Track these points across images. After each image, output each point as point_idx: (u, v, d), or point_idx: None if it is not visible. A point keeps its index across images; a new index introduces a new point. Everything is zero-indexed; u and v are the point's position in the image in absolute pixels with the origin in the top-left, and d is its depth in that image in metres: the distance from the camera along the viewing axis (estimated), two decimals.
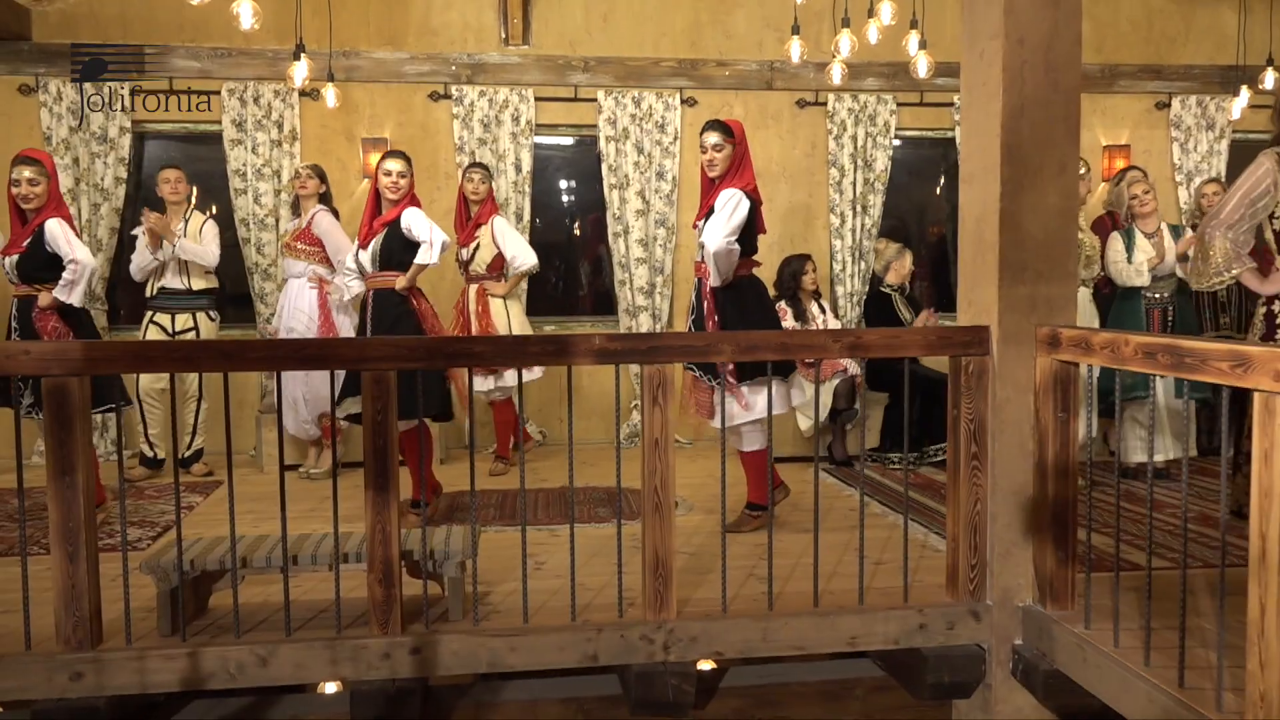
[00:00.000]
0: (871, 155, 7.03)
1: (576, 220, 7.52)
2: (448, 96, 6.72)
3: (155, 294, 5.81)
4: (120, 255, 6.47)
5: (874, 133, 7.01)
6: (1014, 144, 3.23)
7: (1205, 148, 7.30)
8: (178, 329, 5.76)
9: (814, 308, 6.27)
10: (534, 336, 5.29)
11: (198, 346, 3.69)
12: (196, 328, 5.78)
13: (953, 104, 6.87)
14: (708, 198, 4.39)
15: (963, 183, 3.50)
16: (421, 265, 4.67)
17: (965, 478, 3.31)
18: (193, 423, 5.97)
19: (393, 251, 4.65)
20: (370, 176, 4.80)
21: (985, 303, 3.31)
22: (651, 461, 3.13)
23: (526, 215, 6.76)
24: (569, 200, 7.54)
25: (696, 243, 4.44)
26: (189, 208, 5.85)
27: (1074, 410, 3.17)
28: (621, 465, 3.33)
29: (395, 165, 4.68)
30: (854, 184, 7.01)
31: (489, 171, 5.95)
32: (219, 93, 6.46)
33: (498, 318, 5.74)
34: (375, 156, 6.62)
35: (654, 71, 6.88)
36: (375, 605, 3.07)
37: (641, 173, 6.81)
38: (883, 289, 6.44)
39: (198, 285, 5.81)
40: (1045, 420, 3.19)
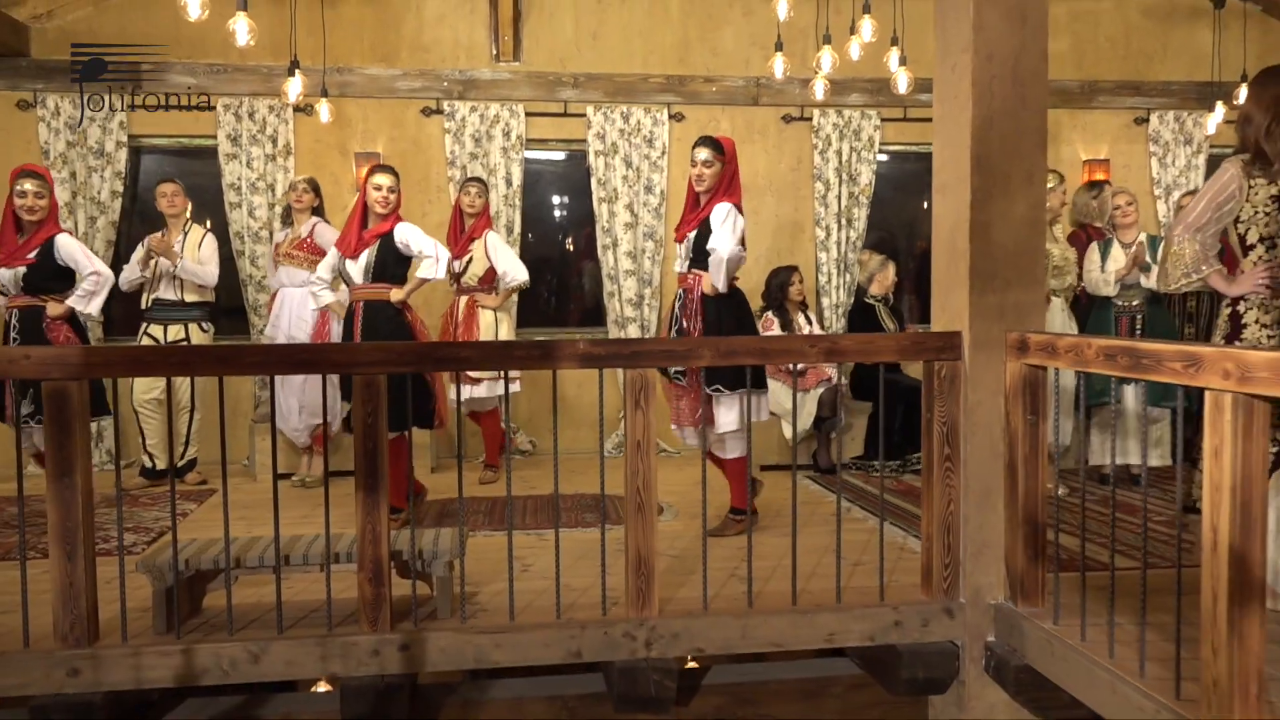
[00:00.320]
0: (856, 169, 7.16)
1: (568, 234, 7.64)
2: (439, 112, 6.84)
3: (150, 306, 5.90)
4: (116, 268, 6.54)
5: (858, 147, 7.15)
6: (984, 155, 3.34)
7: (1183, 162, 7.45)
8: (170, 340, 5.84)
9: (800, 318, 6.39)
10: (520, 341, 5.41)
11: (193, 351, 3.77)
12: (188, 339, 5.86)
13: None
14: (693, 212, 4.51)
15: (936, 193, 3.61)
16: (424, 280, 4.81)
17: (939, 479, 3.41)
18: (185, 433, 6.05)
19: (386, 264, 4.75)
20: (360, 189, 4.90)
21: (957, 309, 3.42)
22: (634, 463, 3.22)
23: (517, 229, 6.88)
24: (560, 215, 7.66)
25: (681, 255, 4.55)
26: (187, 221, 5.93)
27: (1043, 413, 3.27)
28: (608, 473, 3.43)
29: (386, 180, 4.77)
30: (839, 198, 7.14)
31: (485, 185, 6.07)
32: (214, 108, 6.58)
33: (487, 330, 5.84)
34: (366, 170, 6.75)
35: (642, 87, 7.01)
36: (365, 603, 3.16)
37: (630, 186, 6.93)
38: (867, 300, 6.56)
39: (191, 298, 5.89)
40: (1015, 423, 3.29)
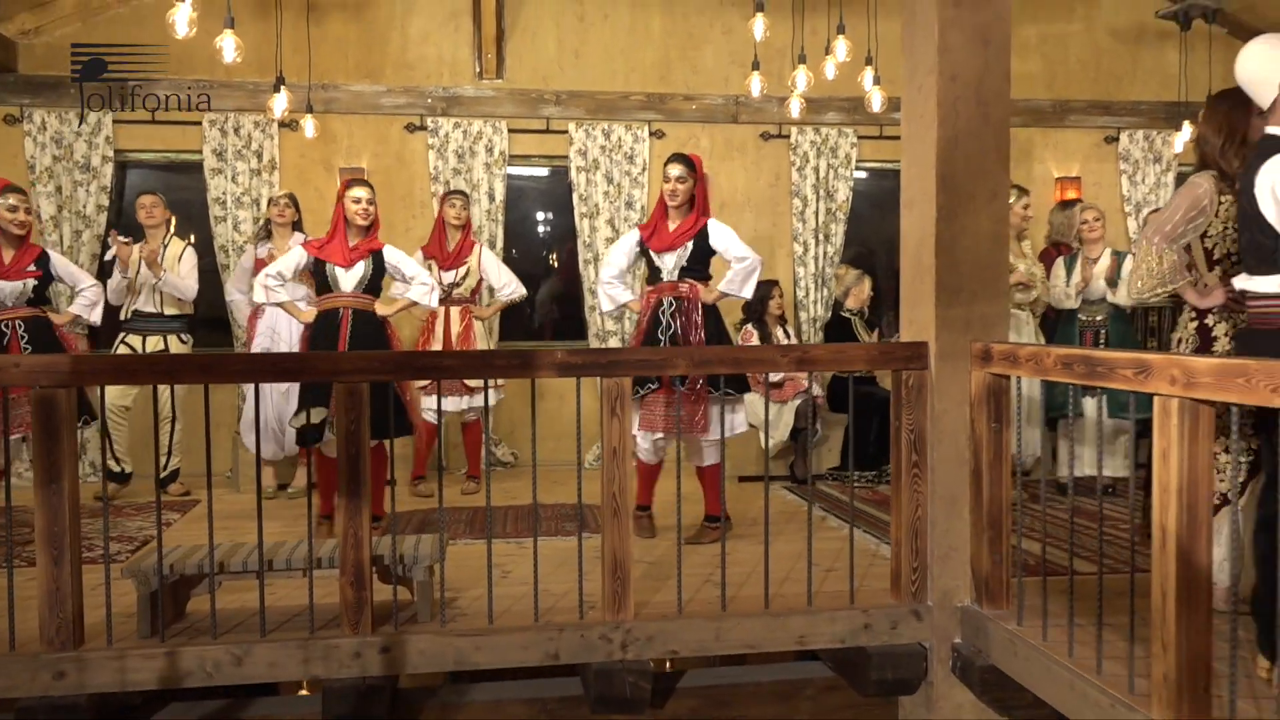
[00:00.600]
0: (833, 186, 7.30)
1: (550, 249, 7.74)
2: (423, 128, 6.94)
3: (130, 316, 5.93)
4: (102, 280, 6.60)
5: (835, 164, 7.29)
6: (948, 173, 3.46)
7: (1152, 180, 7.62)
8: (148, 351, 5.89)
9: (779, 331, 6.49)
10: (500, 351, 5.51)
11: (178, 360, 3.85)
12: (167, 349, 5.91)
13: None
14: (671, 230, 4.65)
15: (904, 209, 3.73)
16: (412, 303, 5.00)
17: (907, 485, 3.51)
18: (167, 444, 6.08)
19: (374, 279, 4.91)
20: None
21: (924, 320, 3.53)
22: (610, 469, 3.32)
23: (500, 243, 6.98)
24: (544, 230, 7.77)
25: (670, 265, 4.66)
26: (167, 234, 5.98)
27: (1006, 420, 3.38)
28: (587, 484, 3.52)
29: (364, 192, 4.88)
30: (816, 214, 7.27)
31: (468, 198, 6.17)
32: (200, 123, 6.66)
33: (482, 342, 5.97)
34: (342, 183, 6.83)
35: (623, 105, 7.13)
36: (347, 607, 3.23)
37: (611, 202, 7.04)
38: (843, 314, 6.68)
39: (170, 310, 5.94)
40: (980, 430, 3.40)
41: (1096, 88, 7.66)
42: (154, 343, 5.89)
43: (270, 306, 5.88)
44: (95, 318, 5.52)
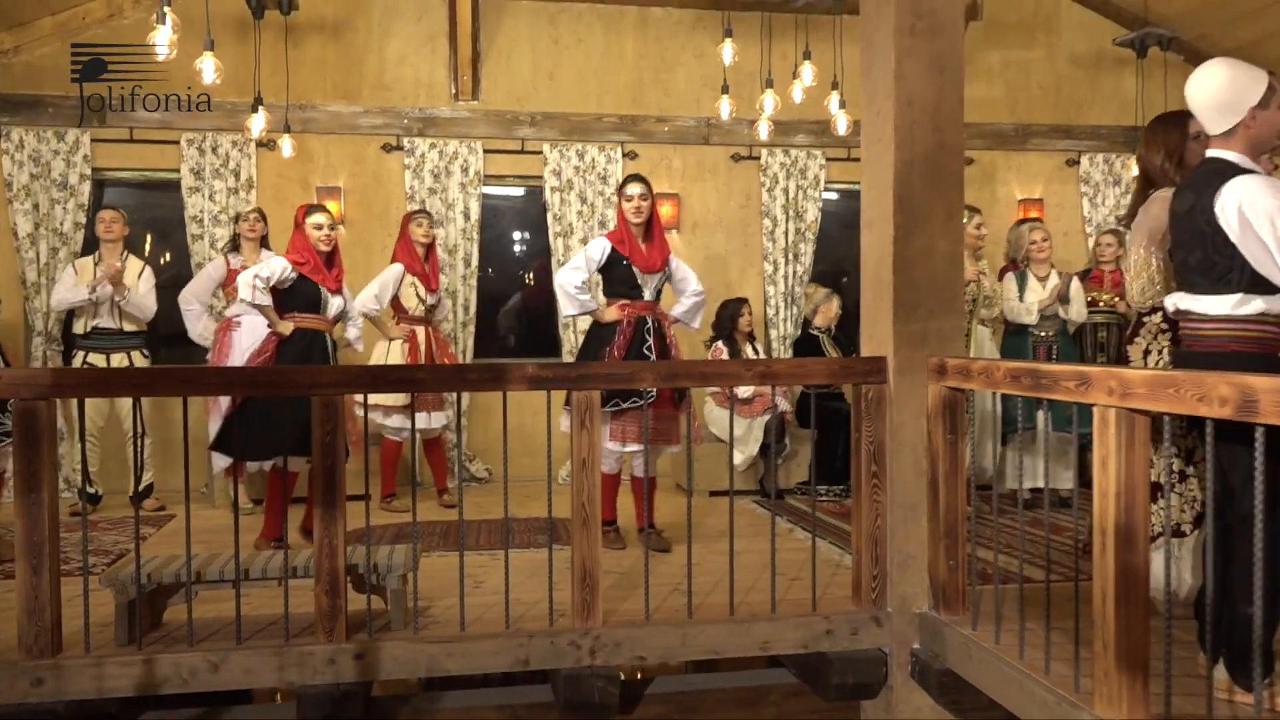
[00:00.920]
0: (802, 206, 7.46)
1: (525, 268, 7.86)
2: (400, 148, 7.05)
3: (89, 332, 5.96)
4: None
5: (804, 185, 7.45)
6: (905, 194, 3.61)
7: (1112, 201, 7.83)
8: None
9: (748, 348, 6.63)
10: (472, 365, 5.60)
11: (157, 373, 3.90)
12: (131, 365, 5.95)
13: None
14: (645, 250, 4.83)
15: (864, 228, 3.88)
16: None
17: (867, 495, 3.63)
18: (139, 460, 6.08)
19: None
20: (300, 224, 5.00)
21: (883, 336, 3.66)
22: (579, 480, 3.42)
23: (475, 261, 7.08)
24: (520, 249, 7.89)
25: (652, 286, 4.86)
26: (125, 253, 6.04)
27: (961, 432, 3.51)
28: (558, 499, 3.63)
29: (325, 219, 4.96)
30: (786, 233, 7.42)
31: (433, 217, 6.31)
32: (178, 142, 6.73)
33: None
34: (330, 205, 6.93)
35: (597, 126, 7.27)
36: (321, 614, 3.31)
37: (585, 222, 7.17)
38: (812, 331, 6.82)
39: (129, 327, 6.00)
40: (936, 442, 3.53)
41: (1057, 112, 7.88)
42: (117, 359, 5.94)
43: (238, 320, 5.90)
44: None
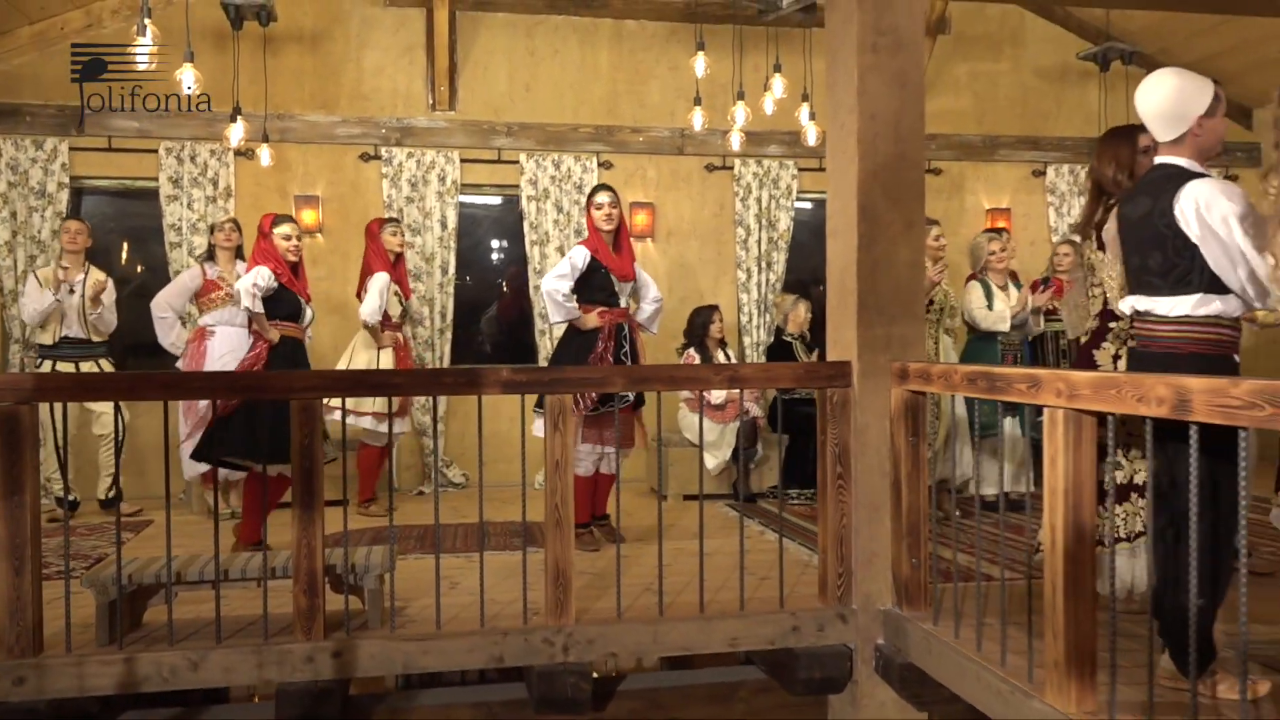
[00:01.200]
0: (775, 216, 7.59)
1: (501, 276, 7.95)
2: (377, 157, 7.12)
3: (58, 342, 5.99)
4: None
5: (777, 195, 7.58)
6: (868, 204, 3.73)
7: (1078, 211, 7.98)
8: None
9: (720, 355, 6.74)
10: (447, 369, 5.69)
11: (140, 378, 3.95)
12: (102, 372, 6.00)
13: None
14: (618, 258, 4.96)
15: (829, 237, 4.00)
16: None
17: (832, 495, 3.74)
18: (114, 464, 6.11)
19: None
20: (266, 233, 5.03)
21: (847, 341, 3.78)
22: (552, 481, 3.51)
23: (452, 269, 7.16)
24: (497, 257, 7.98)
25: (627, 292, 5.03)
26: (86, 264, 6.06)
27: (923, 434, 3.63)
28: (532, 504, 3.73)
29: (293, 229, 5.03)
30: (759, 242, 7.55)
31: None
32: (156, 151, 6.78)
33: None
34: (308, 213, 7.00)
35: (573, 137, 7.38)
36: (300, 613, 3.38)
37: (561, 230, 7.27)
38: (784, 338, 6.94)
39: (96, 337, 6.06)
40: (899, 444, 3.64)
41: (1024, 124, 8.05)
42: (87, 367, 5.99)
43: (213, 329, 5.93)
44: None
